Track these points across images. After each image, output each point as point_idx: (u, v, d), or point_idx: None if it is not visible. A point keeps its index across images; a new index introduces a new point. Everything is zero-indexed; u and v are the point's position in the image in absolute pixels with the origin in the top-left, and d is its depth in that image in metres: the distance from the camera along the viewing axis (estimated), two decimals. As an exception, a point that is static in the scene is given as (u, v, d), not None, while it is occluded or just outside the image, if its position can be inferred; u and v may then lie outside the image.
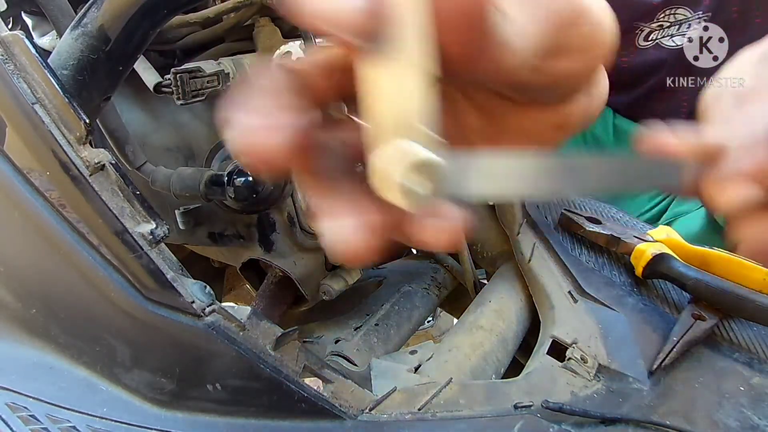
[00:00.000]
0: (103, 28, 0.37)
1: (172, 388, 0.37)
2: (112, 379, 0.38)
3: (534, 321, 0.56)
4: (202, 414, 0.37)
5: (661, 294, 0.52)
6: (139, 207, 0.36)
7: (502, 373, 0.50)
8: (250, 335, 0.36)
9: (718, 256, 0.49)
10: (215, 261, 0.67)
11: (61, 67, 0.37)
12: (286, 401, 0.36)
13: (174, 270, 0.36)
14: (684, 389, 0.42)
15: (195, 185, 0.44)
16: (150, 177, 0.47)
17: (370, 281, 0.67)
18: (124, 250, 0.35)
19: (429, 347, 0.51)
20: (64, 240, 0.36)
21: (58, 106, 0.35)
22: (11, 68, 0.35)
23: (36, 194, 0.36)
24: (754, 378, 0.43)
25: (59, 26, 0.44)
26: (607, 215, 0.63)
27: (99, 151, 0.36)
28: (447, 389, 0.40)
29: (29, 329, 0.40)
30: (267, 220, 0.50)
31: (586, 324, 0.48)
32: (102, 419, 0.36)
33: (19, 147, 0.36)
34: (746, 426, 0.39)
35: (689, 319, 0.48)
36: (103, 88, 0.39)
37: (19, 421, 0.35)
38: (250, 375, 0.36)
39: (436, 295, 0.66)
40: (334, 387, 0.38)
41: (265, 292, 0.54)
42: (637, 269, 0.52)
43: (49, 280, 0.39)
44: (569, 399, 0.41)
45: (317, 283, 0.54)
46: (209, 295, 0.36)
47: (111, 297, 0.36)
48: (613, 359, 0.45)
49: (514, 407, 0.39)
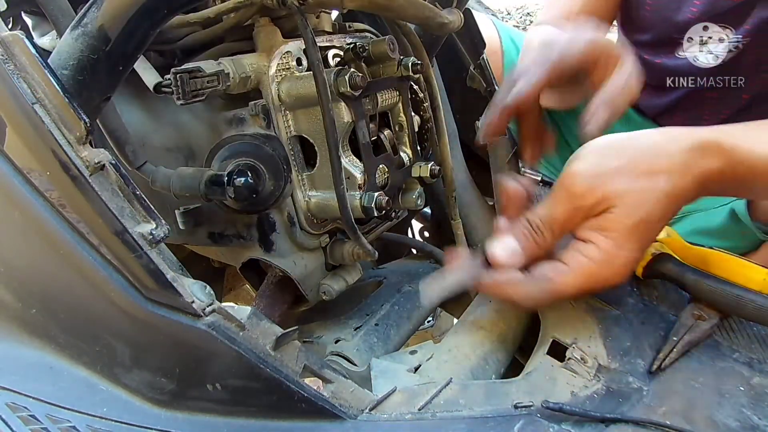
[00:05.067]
0: (103, 28, 0.37)
1: (172, 388, 0.37)
2: (112, 379, 0.39)
3: (534, 321, 0.56)
4: (202, 414, 0.37)
5: (661, 294, 0.52)
6: (139, 207, 0.36)
7: (502, 373, 0.50)
8: (250, 335, 0.36)
9: (718, 256, 0.49)
10: (215, 261, 0.67)
11: (61, 67, 0.37)
12: (286, 401, 0.36)
13: (174, 270, 0.36)
14: (684, 389, 0.42)
15: (195, 185, 0.44)
16: (150, 177, 0.47)
17: (370, 281, 0.67)
18: (124, 250, 0.35)
19: (429, 347, 0.51)
20: (64, 240, 0.36)
21: (58, 106, 0.35)
22: (11, 68, 0.35)
23: (36, 194, 0.36)
24: (754, 378, 0.43)
25: (59, 26, 0.44)
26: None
27: (99, 151, 0.36)
28: (447, 389, 0.40)
29: (29, 329, 0.40)
30: (267, 220, 0.50)
31: (586, 324, 0.49)
32: (102, 419, 0.36)
33: (19, 147, 0.36)
34: (746, 426, 0.39)
35: (689, 319, 0.48)
36: (103, 88, 0.39)
37: (19, 421, 0.35)
38: (250, 375, 0.36)
39: (436, 295, 0.66)
40: (334, 387, 0.38)
41: (265, 292, 0.54)
42: (637, 269, 0.52)
43: (49, 280, 0.39)
44: (569, 399, 0.41)
45: (317, 283, 0.54)
46: (209, 295, 0.36)
47: (111, 297, 0.36)
48: (613, 359, 0.45)
49: (514, 407, 0.39)
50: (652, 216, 0.44)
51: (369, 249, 0.50)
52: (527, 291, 0.45)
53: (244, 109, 0.48)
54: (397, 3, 0.47)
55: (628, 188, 0.44)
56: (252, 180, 0.45)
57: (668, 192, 0.44)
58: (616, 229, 0.44)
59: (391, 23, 0.57)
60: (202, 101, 0.43)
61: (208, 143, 0.50)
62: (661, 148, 0.46)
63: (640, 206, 0.44)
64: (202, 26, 0.50)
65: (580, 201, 0.45)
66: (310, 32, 0.43)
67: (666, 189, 0.44)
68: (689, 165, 0.45)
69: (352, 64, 0.51)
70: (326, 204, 0.49)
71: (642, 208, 0.44)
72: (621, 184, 0.44)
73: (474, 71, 0.67)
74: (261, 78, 0.47)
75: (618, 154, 0.46)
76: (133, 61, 0.41)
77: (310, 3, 0.43)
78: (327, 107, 0.43)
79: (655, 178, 0.44)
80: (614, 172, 0.44)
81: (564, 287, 0.44)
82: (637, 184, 0.44)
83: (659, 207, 0.44)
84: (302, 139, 0.49)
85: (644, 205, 0.44)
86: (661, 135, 0.47)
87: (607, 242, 0.44)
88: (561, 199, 0.46)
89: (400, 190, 0.55)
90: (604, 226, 0.44)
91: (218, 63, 0.44)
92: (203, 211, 0.51)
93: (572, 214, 0.45)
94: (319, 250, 0.54)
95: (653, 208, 0.44)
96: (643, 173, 0.45)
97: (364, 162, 0.49)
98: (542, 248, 0.46)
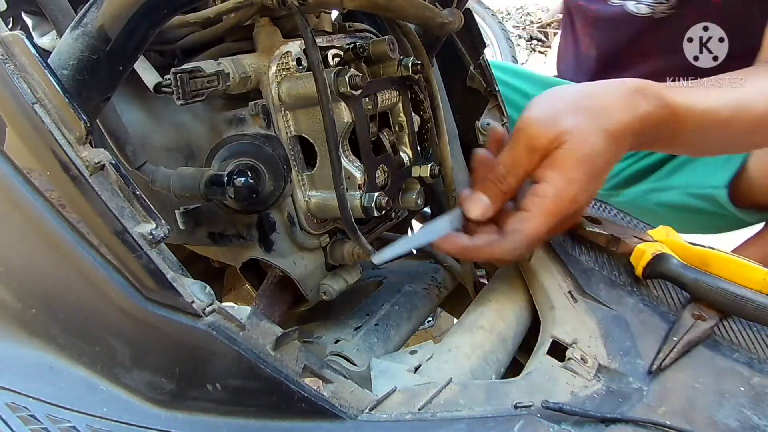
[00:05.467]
0: (103, 28, 0.37)
1: (172, 388, 0.37)
2: (112, 379, 0.39)
3: (534, 321, 0.56)
4: (202, 414, 0.37)
5: (661, 294, 0.52)
6: (139, 207, 0.36)
7: (502, 373, 0.50)
8: (250, 335, 0.36)
9: (718, 256, 0.49)
10: (215, 261, 0.67)
11: (61, 67, 0.37)
12: (286, 401, 0.36)
13: (174, 270, 0.36)
14: (684, 389, 0.42)
15: (195, 185, 0.44)
16: (150, 177, 0.47)
17: (370, 281, 0.67)
18: (124, 250, 0.35)
19: (429, 347, 0.51)
20: (64, 240, 0.36)
21: (58, 106, 0.35)
22: (11, 68, 0.35)
23: (36, 194, 0.36)
24: (754, 378, 0.43)
25: (59, 26, 0.44)
26: (607, 215, 0.63)
27: (99, 151, 0.36)
28: (447, 389, 0.40)
29: (29, 329, 0.40)
30: (267, 220, 0.50)
31: (586, 324, 0.49)
32: (102, 419, 0.36)
33: (19, 147, 0.36)
34: (746, 426, 0.39)
35: (689, 319, 0.48)
36: (103, 88, 0.39)
37: (19, 421, 0.35)
38: (250, 375, 0.36)
39: (436, 295, 0.66)
40: (334, 387, 0.38)
41: (265, 292, 0.54)
42: (637, 269, 0.52)
43: (49, 280, 0.39)
44: (569, 399, 0.41)
45: (317, 283, 0.54)
46: (209, 295, 0.36)
47: (111, 297, 0.36)
48: (613, 359, 0.45)
49: (514, 407, 0.39)
50: (596, 149, 0.48)
51: (369, 249, 0.50)
52: (505, 247, 0.49)
53: (244, 109, 0.48)
54: (397, 3, 0.47)
55: (575, 125, 0.48)
56: (252, 180, 0.45)
57: (609, 128, 0.49)
58: (564, 163, 0.48)
59: (391, 23, 0.57)
60: (202, 101, 0.43)
61: (208, 143, 0.50)
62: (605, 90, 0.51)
63: (586, 140, 0.48)
64: (202, 26, 0.50)
65: (536, 142, 0.49)
66: (310, 32, 0.43)
67: (607, 125, 0.49)
68: (632, 104, 0.50)
69: (352, 64, 0.51)
70: (326, 204, 0.49)
71: (587, 143, 0.48)
72: (569, 121, 0.48)
73: (474, 71, 0.67)
74: (261, 78, 0.47)
75: (567, 97, 0.51)
76: (133, 61, 0.41)
77: (310, 3, 0.43)
78: (327, 107, 0.43)
79: (598, 114, 0.49)
80: (563, 112, 0.49)
81: (533, 231, 0.48)
82: (583, 121, 0.49)
83: (602, 141, 0.49)
84: (302, 139, 0.49)
85: (589, 139, 0.48)
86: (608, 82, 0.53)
87: (557, 177, 0.48)
88: (519, 144, 0.50)
89: (400, 190, 0.55)
90: (554, 162, 0.48)
91: (218, 63, 0.44)
92: (203, 211, 0.51)
93: (530, 156, 0.49)
94: (319, 250, 0.54)
95: (596, 142, 0.48)
96: (588, 110, 0.49)
97: (364, 162, 0.49)
98: (509, 194, 0.51)
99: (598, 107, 0.50)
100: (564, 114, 0.49)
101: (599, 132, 0.48)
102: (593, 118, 0.49)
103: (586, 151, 0.48)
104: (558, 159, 0.48)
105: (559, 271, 0.55)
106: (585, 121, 0.49)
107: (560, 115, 0.49)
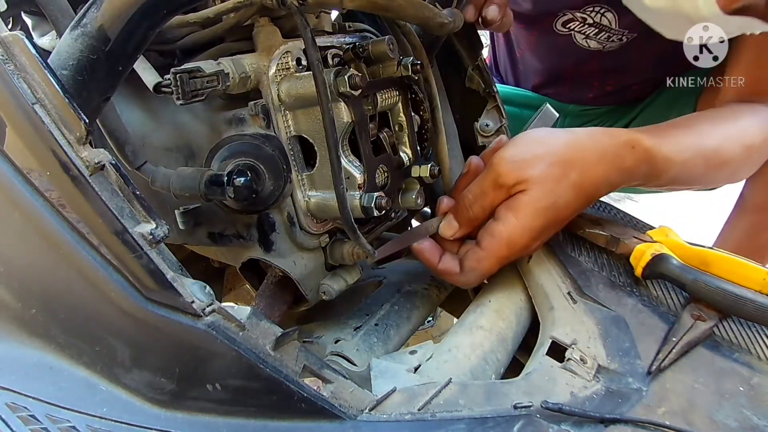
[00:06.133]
0: (103, 28, 0.37)
1: (172, 388, 0.37)
2: (112, 379, 0.38)
3: (534, 321, 0.56)
4: (202, 414, 0.37)
5: (661, 294, 0.52)
6: (139, 207, 0.36)
7: (502, 373, 0.50)
8: (250, 335, 0.36)
9: (718, 256, 0.49)
10: (215, 261, 0.67)
11: (61, 67, 0.37)
12: (286, 401, 0.36)
13: (174, 270, 0.36)
14: (683, 390, 0.42)
15: (195, 185, 0.44)
16: (150, 177, 0.47)
17: (370, 281, 0.67)
18: (124, 250, 0.35)
19: (429, 347, 0.51)
20: (64, 240, 0.36)
21: (58, 106, 0.35)
22: (11, 68, 0.35)
23: (36, 194, 0.36)
24: (754, 378, 0.43)
25: (59, 26, 0.44)
26: (607, 215, 0.63)
27: (99, 151, 0.36)
28: (447, 389, 0.40)
29: (29, 329, 0.40)
30: (267, 220, 0.50)
31: (585, 324, 0.49)
32: (102, 419, 0.36)
33: (19, 147, 0.36)
34: (746, 426, 0.39)
35: (689, 319, 0.48)
36: (103, 88, 0.39)
37: (19, 421, 0.35)
38: (250, 375, 0.36)
39: (436, 295, 0.66)
40: (334, 387, 0.38)
41: (265, 292, 0.54)
42: (637, 270, 0.52)
43: (49, 280, 0.39)
44: (569, 399, 0.41)
45: (317, 283, 0.54)
46: (209, 295, 0.36)
47: (111, 297, 0.36)
48: (612, 360, 0.45)
49: (513, 407, 0.39)
50: (561, 201, 0.49)
51: (369, 249, 0.50)
52: (461, 281, 0.54)
53: (244, 109, 0.48)
54: (397, 3, 0.47)
55: (543, 174, 0.49)
56: (252, 180, 0.45)
57: (580, 183, 0.50)
58: (524, 209, 0.49)
59: (391, 23, 0.57)
60: (201, 101, 0.43)
61: (207, 143, 0.50)
62: (593, 142, 0.52)
63: (551, 191, 0.49)
64: (202, 26, 0.50)
65: (502, 180, 0.50)
66: (309, 32, 0.43)
67: (579, 180, 0.50)
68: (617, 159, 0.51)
69: (352, 64, 0.51)
70: (326, 204, 0.49)
71: (552, 194, 0.49)
72: (538, 169, 0.49)
73: (472, 72, 0.67)
74: (261, 78, 0.47)
75: (549, 144, 0.52)
76: (133, 61, 0.41)
77: (309, 3, 0.43)
78: (327, 107, 0.43)
79: (574, 166, 0.50)
80: (537, 159, 0.50)
81: (487, 271, 0.53)
82: (555, 171, 0.49)
83: (569, 194, 0.49)
84: (302, 139, 0.49)
85: (555, 190, 0.49)
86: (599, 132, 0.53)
87: (514, 222, 0.50)
88: (488, 177, 0.52)
89: (399, 190, 0.55)
90: (515, 206, 0.50)
91: (218, 63, 0.44)
92: (203, 211, 0.51)
93: (496, 191, 0.51)
94: (318, 250, 0.54)
95: (562, 194, 0.49)
96: (564, 162, 0.50)
97: (364, 162, 0.49)
98: (475, 222, 0.53)
99: (576, 159, 0.50)
100: (537, 161, 0.49)
101: (569, 185, 0.49)
102: (567, 170, 0.49)
103: (549, 201, 0.49)
104: (519, 204, 0.49)
105: (558, 272, 0.55)
106: (557, 171, 0.49)
107: (533, 161, 0.49)
